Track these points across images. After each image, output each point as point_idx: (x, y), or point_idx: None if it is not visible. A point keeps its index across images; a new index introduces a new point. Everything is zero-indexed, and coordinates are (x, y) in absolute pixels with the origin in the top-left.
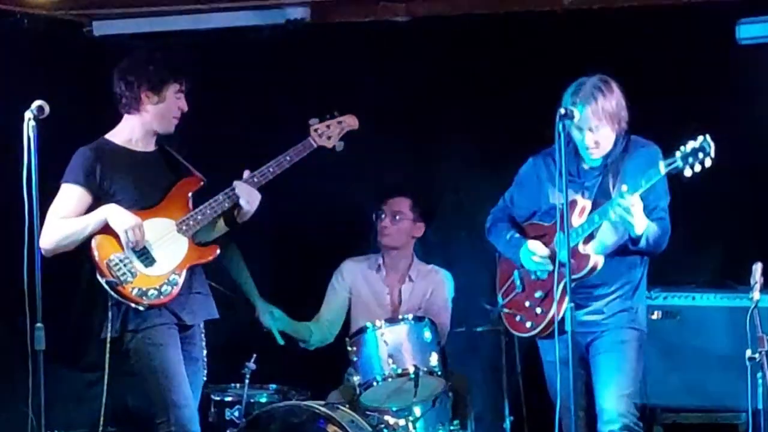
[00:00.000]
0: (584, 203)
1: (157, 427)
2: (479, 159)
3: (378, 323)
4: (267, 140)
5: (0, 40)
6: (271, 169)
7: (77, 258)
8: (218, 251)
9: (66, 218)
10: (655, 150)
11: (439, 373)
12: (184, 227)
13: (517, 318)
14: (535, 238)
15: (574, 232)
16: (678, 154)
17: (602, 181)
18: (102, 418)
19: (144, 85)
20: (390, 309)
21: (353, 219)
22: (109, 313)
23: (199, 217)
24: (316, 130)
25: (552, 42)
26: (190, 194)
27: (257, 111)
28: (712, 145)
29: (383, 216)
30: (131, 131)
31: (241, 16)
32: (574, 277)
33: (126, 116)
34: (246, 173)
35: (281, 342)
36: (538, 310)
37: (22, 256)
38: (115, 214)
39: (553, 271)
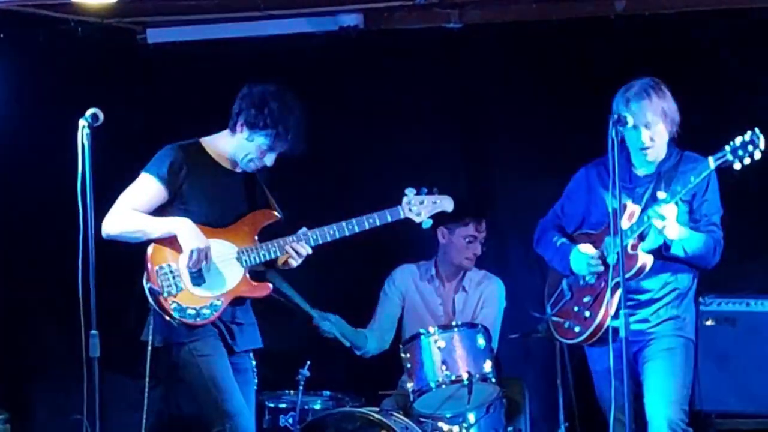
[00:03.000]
0: (633, 208)
1: None
2: (532, 165)
3: (431, 330)
4: (318, 149)
5: (54, 49)
6: (350, 226)
7: (132, 266)
8: (270, 289)
9: (137, 210)
10: (708, 164)
11: (493, 379)
12: (244, 257)
13: (566, 325)
14: None
15: (623, 233)
16: (727, 148)
17: (654, 188)
18: (144, 423)
19: (242, 119)
20: (443, 320)
21: (404, 224)
22: (151, 319)
23: (263, 251)
24: (409, 202)
25: (604, 48)
26: (260, 227)
27: (308, 118)
28: (762, 137)
29: (475, 241)
30: (224, 146)
31: (294, 23)
32: (625, 276)
33: (229, 129)
34: (303, 230)
35: (348, 344)
36: (587, 314)
37: (77, 264)
38: (187, 232)
39: (603, 273)
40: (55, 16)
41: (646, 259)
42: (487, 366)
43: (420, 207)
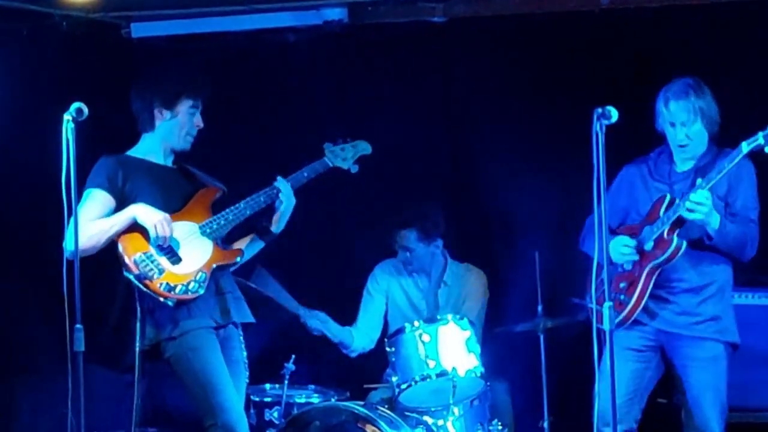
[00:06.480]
0: (671, 198)
1: (206, 430)
2: (517, 158)
3: (416, 323)
4: (304, 143)
5: (38, 43)
6: (290, 183)
7: (116, 260)
8: (243, 254)
9: (90, 222)
10: (750, 164)
11: (478, 373)
12: (207, 230)
13: (596, 309)
14: None
15: (659, 221)
16: (760, 132)
17: (692, 184)
18: (134, 425)
19: (157, 101)
20: (426, 314)
21: (385, 218)
22: (138, 324)
23: (222, 221)
24: (332, 152)
25: (589, 42)
26: (210, 202)
27: (294, 112)
28: None
29: (396, 249)
30: (150, 148)
31: (279, 17)
32: (658, 261)
33: (144, 135)
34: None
35: (336, 340)
36: (621, 297)
37: (61, 257)
38: (143, 211)
39: (640, 260)
40: (40, 10)
41: (679, 244)
42: (472, 359)
43: (342, 153)
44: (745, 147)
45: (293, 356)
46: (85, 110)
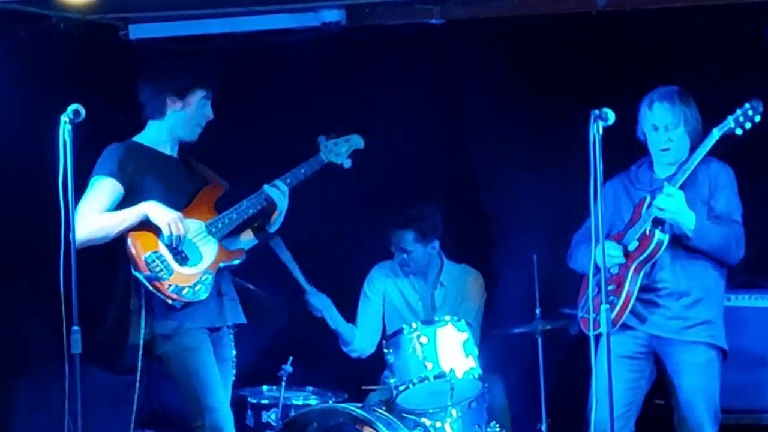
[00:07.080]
0: (651, 199)
1: (193, 430)
2: (515, 159)
3: (414, 325)
4: (301, 144)
5: (36, 44)
6: (288, 180)
7: (113, 261)
8: (245, 254)
9: (99, 211)
10: (728, 168)
11: (476, 375)
12: (213, 229)
13: (595, 317)
14: None
15: (641, 219)
16: (729, 117)
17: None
18: (132, 423)
19: (169, 90)
20: (422, 315)
21: (383, 220)
22: (134, 316)
23: (227, 220)
24: (326, 146)
25: (586, 44)
26: (215, 200)
27: (291, 113)
28: (761, 103)
29: (393, 251)
30: (156, 135)
31: (276, 19)
32: (641, 257)
33: (151, 121)
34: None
35: (334, 326)
36: (610, 299)
37: (59, 260)
38: (155, 209)
39: (625, 263)
40: (37, 11)
41: (661, 237)
42: (470, 361)
43: (336, 148)
44: (716, 133)
45: (291, 358)
46: (83, 112)
